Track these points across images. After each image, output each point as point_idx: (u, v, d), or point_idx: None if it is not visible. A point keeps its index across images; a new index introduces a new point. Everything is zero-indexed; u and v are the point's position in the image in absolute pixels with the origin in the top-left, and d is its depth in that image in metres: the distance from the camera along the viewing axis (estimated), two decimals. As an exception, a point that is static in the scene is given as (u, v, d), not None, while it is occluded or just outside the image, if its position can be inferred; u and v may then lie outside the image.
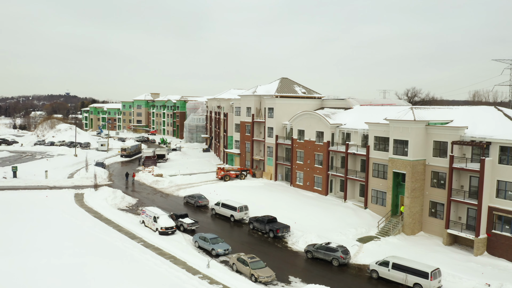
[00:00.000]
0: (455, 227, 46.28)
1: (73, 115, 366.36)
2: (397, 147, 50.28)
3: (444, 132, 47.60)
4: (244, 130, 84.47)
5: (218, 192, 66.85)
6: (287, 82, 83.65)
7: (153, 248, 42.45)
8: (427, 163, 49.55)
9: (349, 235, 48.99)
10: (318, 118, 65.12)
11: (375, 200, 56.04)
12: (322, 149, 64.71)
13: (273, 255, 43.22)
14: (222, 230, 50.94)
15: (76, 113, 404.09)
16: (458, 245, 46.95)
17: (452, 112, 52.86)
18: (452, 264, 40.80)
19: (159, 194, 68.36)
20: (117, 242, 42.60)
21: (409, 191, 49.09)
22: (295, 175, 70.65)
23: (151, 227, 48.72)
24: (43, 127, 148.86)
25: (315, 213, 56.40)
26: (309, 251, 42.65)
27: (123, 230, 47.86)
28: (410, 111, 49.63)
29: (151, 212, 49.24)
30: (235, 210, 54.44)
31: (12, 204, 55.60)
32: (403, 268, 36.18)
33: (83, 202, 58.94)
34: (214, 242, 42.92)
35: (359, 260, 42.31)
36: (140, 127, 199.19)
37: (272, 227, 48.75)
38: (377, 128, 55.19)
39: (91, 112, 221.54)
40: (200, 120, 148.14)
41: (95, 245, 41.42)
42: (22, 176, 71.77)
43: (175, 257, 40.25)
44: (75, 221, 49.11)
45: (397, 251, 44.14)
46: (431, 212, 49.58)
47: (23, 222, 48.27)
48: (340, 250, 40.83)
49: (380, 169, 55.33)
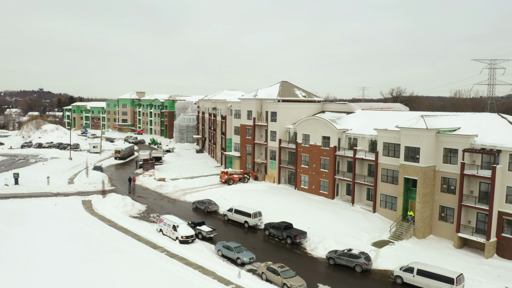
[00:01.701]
0: (465, 231, 48.34)
1: (50, 113, 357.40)
2: (409, 154, 51.99)
3: (454, 140, 49.54)
4: (245, 133, 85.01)
5: (225, 197, 67.30)
6: (287, 86, 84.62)
7: (178, 258, 42.75)
8: (437, 169, 51.46)
9: (363, 240, 50.48)
10: (325, 123, 66.37)
11: (384, 204, 57.76)
12: (328, 153, 66.03)
13: (295, 262, 44.14)
14: (237, 237, 51.58)
15: (53, 110, 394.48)
16: (468, 247, 49.08)
17: (458, 119, 54.97)
18: (468, 268, 42.69)
19: (165, 199, 68.31)
20: (142, 253, 42.69)
21: (420, 196, 50.92)
22: (300, 178, 71.81)
23: (170, 236, 48.90)
24: (28, 128, 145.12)
25: (326, 217, 57.64)
26: (331, 258, 43.85)
27: (142, 239, 47.89)
28: (421, 119, 51.36)
29: (170, 221, 49.41)
30: (249, 216, 55.14)
31: (23, 214, 54.54)
32: (428, 274, 37.77)
33: (94, 210, 58.43)
34: (239, 251, 43.57)
35: (379, 265, 43.78)
36: (125, 126, 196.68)
37: (289, 233, 49.73)
38: (386, 134, 56.81)
39: (74, 110, 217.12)
40: (191, 120, 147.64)
41: (122, 257, 41.38)
42: (24, 182, 70.39)
43: (203, 267, 40.69)
44: (93, 231, 48.75)
45: (413, 255, 45.88)
46: (441, 216, 51.58)
47: (42, 233, 47.28)
48: (363, 257, 42.19)
49: (389, 174, 57.03)
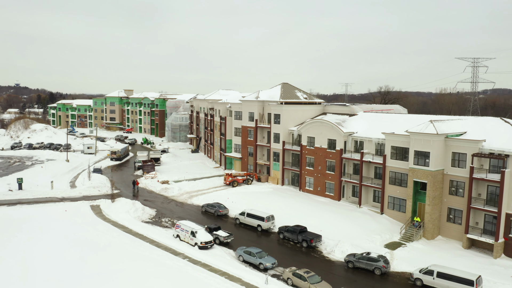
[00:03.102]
0: (473, 232, 50.32)
1: (30, 109, 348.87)
2: (418, 158, 53.61)
3: (463, 145, 51.36)
4: (246, 135, 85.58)
5: (232, 200, 67.86)
6: (288, 88, 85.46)
7: (202, 265, 43.25)
8: (445, 173, 53.27)
9: (376, 242, 51.94)
10: (331, 126, 67.55)
11: (392, 206, 59.41)
12: (334, 156, 67.29)
13: (314, 266, 45.14)
14: (252, 241, 52.33)
15: (33, 106, 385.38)
16: (476, 248, 51.09)
17: (463, 123, 56.90)
18: (480, 269, 44.50)
19: (173, 203, 68.43)
20: (166, 261, 43.03)
21: (430, 199, 52.67)
22: (305, 180, 72.93)
23: (188, 242, 49.27)
24: (16, 127, 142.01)
25: (336, 219, 58.88)
26: (350, 261, 45.08)
27: (161, 245, 48.15)
28: (431, 125, 52.98)
29: (187, 227, 49.76)
30: (262, 220, 55.91)
31: (35, 221, 53.88)
32: (448, 276, 39.37)
33: (105, 216, 58.17)
34: (260, 256, 44.34)
35: (396, 268, 45.21)
36: (113, 125, 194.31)
37: (305, 237, 50.77)
38: (394, 138, 58.34)
39: (59, 108, 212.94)
40: (183, 119, 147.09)
41: (149, 265, 41.53)
42: (26, 187, 69.33)
43: (228, 274, 41.30)
44: (110, 238, 48.71)
45: (426, 257, 47.55)
46: (449, 218, 53.49)
47: (59, 242, 46.78)
48: (382, 260, 43.57)
49: (397, 177, 58.64)
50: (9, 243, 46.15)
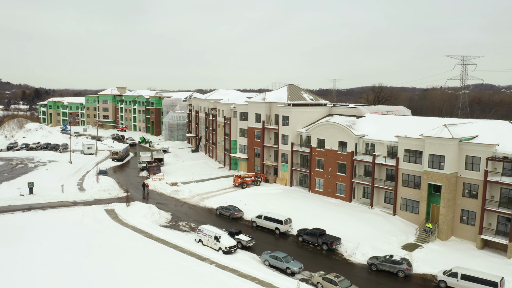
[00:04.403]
0: (487, 233, 52.06)
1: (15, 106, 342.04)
2: (433, 161, 55.03)
3: (477, 148, 52.94)
4: (253, 136, 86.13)
5: (245, 202, 68.40)
6: (295, 89, 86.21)
7: (230, 270, 43.88)
8: (459, 175, 54.85)
9: (393, 244, 53.25)
10: (341, 129, 68.59)
11: (404, 207, 60.86)
12: (345, 158, 68.42)
13: (337, 269, 46.09)
14: (270, 244, 53.19)
15: (18, 103, 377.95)
16: (489, 248, 52.85)
17: (473, 126, 58.52)
18: (496, 269, 46.09)
19: (186, 205, 68.71)
20: (196, 267, 43.56)
21: (445, 201, 54.21)
22: (314, 181, 73.96)
23: (211, 246, 49.77)
24: (10, 127, 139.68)
25: (349, 221, 59.97)
26: (374, 264, 46.29)
27: (185, 250, 48.59)
28: (445, 129, 54.40)
29: (210, 231, 50.25)
30: (280, 223, 56.73)
31: (56, 228, 53.19)
32: (472, 278, 40.84)
33: (122, 221, 58.17)
34: (287, 261, 45.19)
35: (417, 270, 46.58)
36: (107, 123, 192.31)
37: (325, 240, 51.82)
38: (408, 141, 59.66)
39: (50, 106, 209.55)
40: (181, 118, 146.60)
41: (182, 272, 41.88)
42: (37, 191, 68.64)
43: (258, 279, 42.02)
44: (135, 244, 48.92)
45: (444, 258, 49.08)
46: (462, 219, 55.15)
47: (91, 251, 46.43)
48: (405, 263, 44.88)
49: (410, 179, 60.05)
50: (38, 252, 45.54)
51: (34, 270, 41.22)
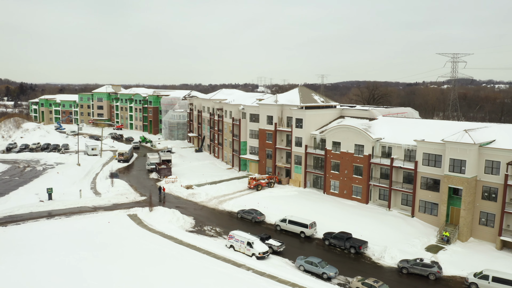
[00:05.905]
0: (506, 234, 54.18)
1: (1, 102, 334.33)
2: (454, 165, 56.80)
3: (497, 153, 54.88)
4: (264, 138, 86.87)
5: (264, 205, 69.17)
6: (306, 91, 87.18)
7: (268, 276, 44.75)
8: (478, 179, 56.78)
9: (417, 246, 54.92)
10: (358, 132, 69.91)
11: (423, 209, 62.62)
12: (362, 161, 69.83)
13: (368, 272, 47.46)
14: (297, 248, 54.26)
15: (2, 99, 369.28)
16: (507, 249, 55.04)
17: (489, 131, 60.47)
18: (520, 270, 48.35)
19: (205, 209, 69.19)
20: (237, 274, 44.29)
21: (465, 204, 56.10)
22: (329, 183, 75.26)
23: (244, 252, 50.54)
24: (7, 126, 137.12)
25: (370, 224, 61.36)
26: (404, 267, 47.79)
27: (219, 257, 49.25)
28: (466, 134, 56.17)
29: (242, 237, 51.00)
30: (306, 227, 57.83)
31: (87, 236, 52.64)
32: (504, 281, 42.67)
33: (149, 226, 58.33)
34: (323, 266, 46.33)
35: (445, 272, 48.17)
36: (102, 121, 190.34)
37: (353, 243, 53.13)
38: (427, 145, 61.31)
39: (42, 104, 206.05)
40: (181, 117, 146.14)
41: (225, 280, 42.48)
42: (56, 197, 68.14)
43: (298, 285, 42.99)
44: (168, 251, 49.30)
45: (468, 259, 50.97)
46: (481, 221, 57.18)
47: (132, 260, 46.18)
48: (436, 266, 46.52)
49: (429, 182, 61.78)
50: (77, 262, 45.14)
51: (85, 282, 40.90)
